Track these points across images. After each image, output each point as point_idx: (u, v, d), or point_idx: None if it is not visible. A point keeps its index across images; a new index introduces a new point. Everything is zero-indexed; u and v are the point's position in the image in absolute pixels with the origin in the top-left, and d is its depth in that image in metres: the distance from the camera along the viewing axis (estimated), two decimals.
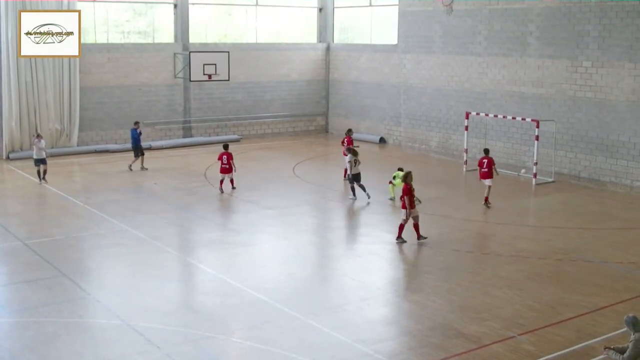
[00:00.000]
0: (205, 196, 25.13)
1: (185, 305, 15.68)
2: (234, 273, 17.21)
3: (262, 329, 13.95)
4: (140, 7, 36.62)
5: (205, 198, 24.90)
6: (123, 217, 22.20)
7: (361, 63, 38.78)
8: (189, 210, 23.39)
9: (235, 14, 39.68)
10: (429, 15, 34.29)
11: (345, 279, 17.21)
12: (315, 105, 40.87)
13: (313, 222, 22.84)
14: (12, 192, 26.49)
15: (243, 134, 38.31)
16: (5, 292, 16.34)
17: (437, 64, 34.27)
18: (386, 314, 15.06)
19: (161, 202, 24.16)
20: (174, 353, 12.80)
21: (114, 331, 13.86)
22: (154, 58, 35.66)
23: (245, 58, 37.95)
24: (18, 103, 32.02)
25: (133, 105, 35.27)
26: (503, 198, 25.56)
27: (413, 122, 35.85)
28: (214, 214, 22.92)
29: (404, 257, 19.07)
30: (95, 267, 18.17)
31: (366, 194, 24.38)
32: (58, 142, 33.44)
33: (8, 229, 20.88)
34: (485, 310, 14.93)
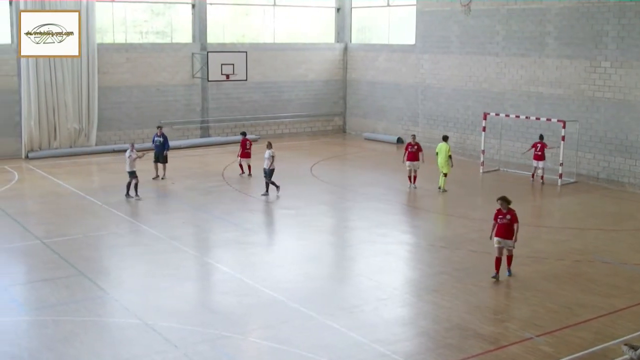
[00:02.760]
0: (222, 196, 25.18)
1: (202, 304, 15.72)
2: (250, 273, 17.24)
3: (278, 329, 13.96)
4: (158, 7, 36.76)
5: (222, 198, 24.95)
6: (141, 216, 22.30)
7: (379, 63, 38.74)
8: (206, 210, 23.44)
9: (252, 14, 39.74)
10: (446, 15, 34.22)
11: (362, 279, 17.20)
12: (333, 105, 40.87)
13: (330, 222, 22.84)
14: (31, 191, 26.66)
15: (260, 134, 38.35)
16: (24, 290, 16.45)
17: (454, 64, 34.19)
18: (403, 315, 15.03)
19: (178, 202, 24.23)
20: (191, 352, 12.83)
21: (132, 330, 13.92)
22: (171, 58, 35.79)
23: (262, 58, 38.00)
24: (37, 103, 32.21)
25: (151, 105, 35.41)
26: (523, 198, 25.47)
27: (430, 123, 35.78)
28: (231, 213, 22.96)
29: (421, 257, 19.03)
30: (113, 266, 18.25)
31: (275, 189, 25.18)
32: (76, 141, 33.61)
33: (27, 227, 21.01)
34: (503, 311, 14.90)
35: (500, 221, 16.84)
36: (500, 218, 16.84)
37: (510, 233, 16.74)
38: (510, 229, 16.73)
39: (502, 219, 16.77)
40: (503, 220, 16.79)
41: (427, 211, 23.42)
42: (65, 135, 33.26)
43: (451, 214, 22.78)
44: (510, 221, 16.73)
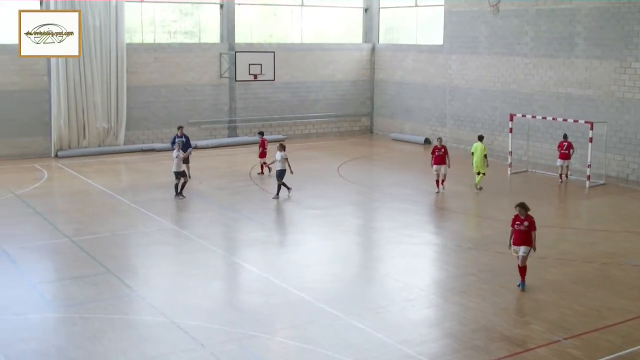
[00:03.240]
0: (249, 196, 25.25)
1: (229, 304, 15.77)
2: (277, 272, 17.26)
3: (305, 329, 13.97)
4: (186, 7, 36.95)
5: (249, 197, 25.02)
6: (168, 215, 22.42)
7: (406, 63, 38.65)
8: (233, 209, 23.51)
9: (280, 14, 39.82)
10: (474, 16, 34.07)
11: (388, 279, 17.17)
12: (360, 105, 40.84)
13: (357, 223, 22.82)
14: (60, 189, 26.91)
15: (288, 133, 38.41)
16: (53, 288, 16.59)
17: (482, 65, 34.04)
18: (429, 316, 14.98)
19: (206, 201, 24.32)
20: (217, 351, 12.88)
21: (159, 328, 13.99)
22: (200, 58, 35.95)
23: (290, 58, 38.06)
24: (67, 102, 32.50)
25: (179, 105, 35.60)
26: (550, 200, 25.36)
27: (458, 123, 35.65)
28: (258, 213, 23.01)
29: (448, 259, 18.96)
30: (140, 265, 18.36)
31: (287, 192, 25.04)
32: (105, 140, 33.87)
33: (56, 226, 21.20)
34: (530, 314, 14.80)
35: (517, 227, 16.23)
36: (518, 224, 16.22)
37: (528, 241, 16.11)
38: (528, 237, 16.11)
39: (520, 226, 16.17)
40: (520, 227, 16.17)
41: (454, 212, 23.33)
42: (94, 134, 33.53)
43: (478, 215, 22.68)
44: (527, 228, 16.09)
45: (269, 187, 26.39)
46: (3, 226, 21.03)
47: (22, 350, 12.90)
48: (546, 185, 27.42)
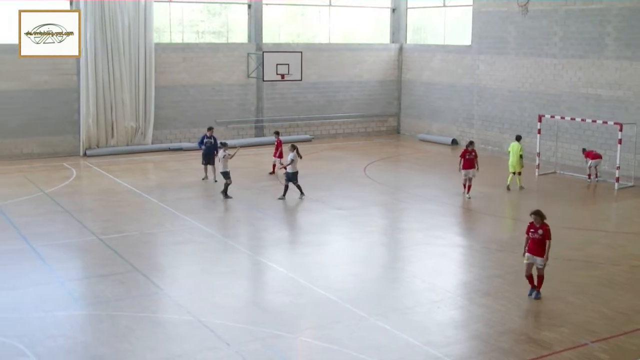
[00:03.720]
0: (276, 195, 25.26)
1: (254, 303, 15.81)
2: (303, 272, 17.28)
3: (330, 329, 13.97)
4: (214, 7, 37.09)
5: (276, 197, 25.04)
6: (195, 214, 22.50)
7: (434, 64, 38.53)
8: (259, 209, 23.56)
9: (308, 14, 39.85)
10: (503, 16, 33.89)
11: (415, 280, 17.12)
12: (387, 105, 40.77)
13: (383, 223, 22.79)
14: (88, 188, 27.12)
15: (315, 134, 38.45)
16: (80, 285, 16.73)
17: (511, 66, 33.84)
18: (456, 317, 14.91)
19: (232, 201, 24.37)
20: (243, 350, 12.91)
21: (185, 327, 14.05)
22: (227, 58, 36.07)
23: (317, 58, 38.08)
24: (95, 101, 32.75)
25: (206, 105, 35.76)
26: (579, 202, 25.18)
27: (486, 124, 35.48)
28: (284, 213, 23.05)
29: (475, 260, 18.87)
30: (167, 264, 18.46)
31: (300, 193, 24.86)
32: (133, 139, 34.09)
33: (84, 224, 21.36)
34: (557, 316, 14.69)
35: (532, 235, 15.57)
36: (532, 232, 15.53)
37: (542, 250, 15.43)
38: (542, 245, 15.42)
39: (534, 234, 15.50)
40: (535, 235, 15.49)
41: (482, 214, 23.20)
42: (122, 134, 33.76)
43: (506, 216, 22.55)
44: (542, 237, 15.39)
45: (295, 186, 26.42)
46: (32, 224, 21.23)
47: (50, 347, 13.01)
48: (574, 187, 27.21)
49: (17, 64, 30.92)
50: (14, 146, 31.90)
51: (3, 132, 31.58)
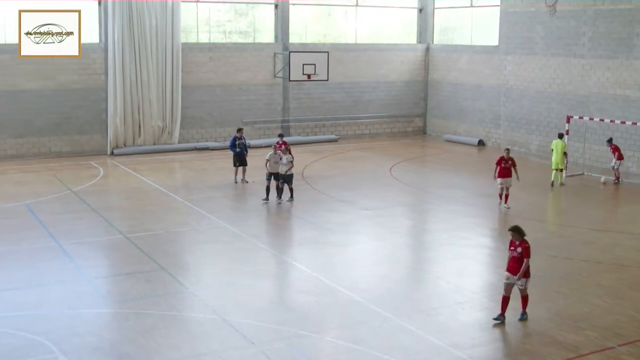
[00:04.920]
0: (301, 195, 25.28)
1: (279, 302, 15.84)
2: (328, 272, 17.28)
3: (355, 329, 13.97)
4: (241, 7, 37.20)
5: (301, 197, 25.05)
6: (221, 213, 22.58)
7: (461, 64, 38.38)
8: (285, 208, 23.59)
9: (335, 14, 39.85)
10: (531, 16, 33.68)
11: (440, 281, 17.07)
12: (414, 106, 40.66)
13: (409, 224, 22.74)
14: (115, 186, 27.30)
15: (340, 134, 38.45)
16: (107, 283, 16.85)
17: (538, 66, 33.63)
18: (481, 319, 14.83)
19: (258, 200, 24.40)
20: (267, 350, 12.94)
21: (210, 326, 14.11)
22: (254, 58, 36.17)
23: (344, 58, 38.07)
24: (123, 101, 32.97)
25: (233, 104, 35.88)
26: (605, 203, 24.97)
27: (513, 125, 35.28)
28: (309, 213, 23.07)
29: (501, 262, 18.69)
30: (193, 262, 18.55)
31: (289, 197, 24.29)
32: (160, 139, 34.27)
33: (111, 222, 21.52)
34: (583, 319, 14.57)
35: (511, 254, 14.47)
36: (512, 250, 14.48)
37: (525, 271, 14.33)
38: (521, 264, 14.32)
39: (513, 251, 14.42)
40: (514, 253, 14.40)
41: (508, 215, 23.04)
42: (149, 133, 33.95)
43: (531, 218, 22.39)
44: (521, 255, 14.30)
45: (322, 187, 26.45)
46: (60, 222, 21.42)
47: (77, 344, 13.12)
48: (601, 189, 26.99)
49: (46, 63, 31.22)
50: (42, 145, 32.20)
51: (32, 131, 31.89)
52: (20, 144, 31.80)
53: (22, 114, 31.68)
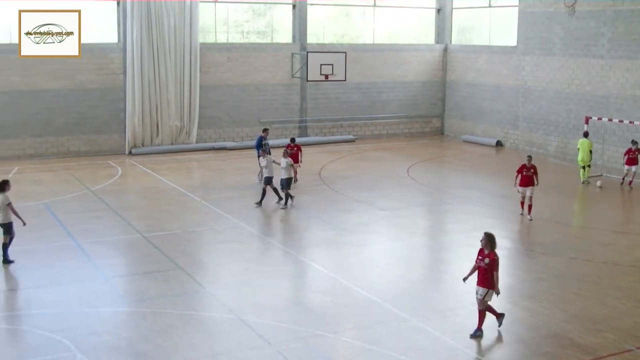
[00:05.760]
0: (318, 195, 25.32)
1: (296, 302, 15.85)
2: (345, 273, 17.27)
3: (372, 330, 13.95)
4: (259, 7, 37.25)
5: (318, 197, 25.08)
6: (238, 213, 22.61)
7: (479, 64, 38.26)
8: (302, 208, 23.59)
9: (352, 14, 39.81)
10: (549, 16, 33.52)
11: (457, 282, 16.97)
12: (431, 106, 40.57)
13: (426, 225, 22.69)
14: (133, 186, 27.42)
15: (358, 134, 38.42)
16: (125, 282, 16.92)
17: (557, 67, 33.47)
18: None
19: (275, 200, 24.42)
20: (284, 350, 12.95)
21: (227, 325, 14.14)
22: (272, 58, 36.20)
23: (362, 59, 38.03)
24: (141, 100, 33.08)
25: (250, 104, 35.92)
26: (624, 205, 24.81)
27: (531, 126, 35.13)
28: (327, 213, 23.06)
29: (518, 263, 18.70)
30: (210, 262, 18.59)
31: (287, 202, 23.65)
32: (178, 138, 34.36)
33: (129, 222, 21.59)
34: (602, 321, 14.48)
35: (478, 263, 13.68)
36: (479, 260, 13.66)
37: (487, 281, 13.56)
38: (489, 276, 13.54)
39: (481, 261, 13.63)
40: (481, 264, 13.60)
41: (526, 216, 22.92)
42: (167, 133, 34.05)
43: (550, 219, 22.29)
44: (488, 266, 13.51)
45: (339, 187, 26.43)
46: (78, 221, 21.52)
47: (95, 343, 13.18)
48: (621, 191, 26.82)
49: (64, 63, 31.40)
50: (61, 144, 32.37)
51: (50, 130, 32.07)
52: (39, 144, 31.99)
53: (41, 113, 31.87)
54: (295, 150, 26.52)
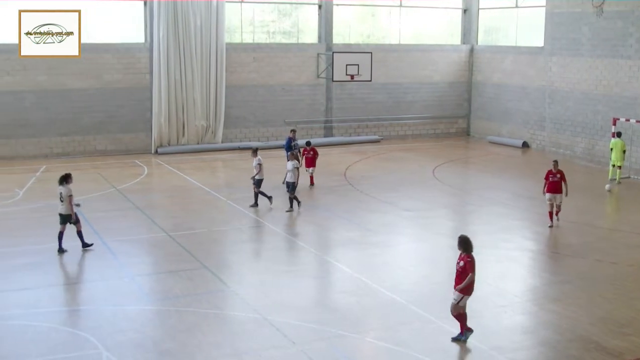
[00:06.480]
0: (344, 195, 25.30)
1: (321, 302, 15.85)
2: (370, 273, 17.24)
3: (396, 330, 13.92)
4: (285, 7, 37.30)
5: (343, 197, 25.07)
6: (263, 213, 22.65)
7: (505, 65, 38.05)
8: (327, 208, 23.60)
9: (378, 14, 39.76)
10: (577, 17, 33.26)
11: (482, 284, 16.87)
12: (457, 107, 40.42)
13: (451, 226, 22.58)
14: (159, 185, 27.56)
15: (383, 134, 38.36)
16: (150, 281, 17.01)
17: (584, 67, 33.19)
18: (523, 323, 14.71)
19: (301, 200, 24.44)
20: (308, 349, 12.95)
21: (251, 324, 14.17)
22: (297, 58, 36.24)
23: (387, 59, 37.97)
24: (167, 100, 33.25)
25: (276, 104, 35.99)
26: None
27: (557, 127, 34.88)
28: (351, 213, 23.03)
29: (544, 265, 18.59)
30: (234, 261, 18.62)
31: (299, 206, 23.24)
32: (203, 138, 34.50)
33: (154, 220, 21.71)
34: (629, 324, 14.34)
35: (456, 267, 13.47)
36: (457, 263, 13.49)
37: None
38: (462, 280, 13.37)
39: (457, 265, 13.49)
40: (457, 267, 13.44)
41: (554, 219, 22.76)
42: (192, 132, 34.20)
43: (577, 221, 22.12)
44: (463, 269, 13.30)
45: (365, 188, 26.41)
46: (104, 219, 21.67)
47: (121, 341, 13.26)
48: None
49: (91, 63, 31.69)
50: (87, 143, 32.62)
51: (77, 129, 32.33)
52: (66, 142, 32.25)
53: (68, 112, 32.14)
54: (311, 154, 26.46)
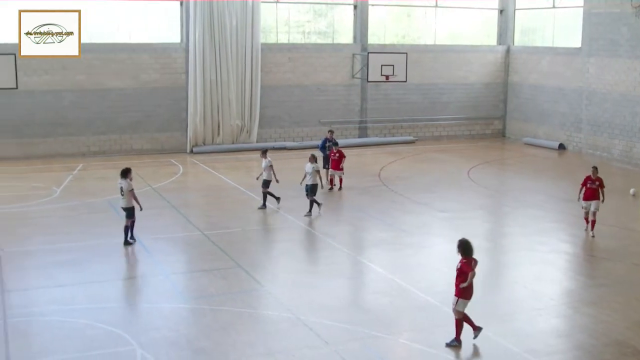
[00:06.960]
0: (378, 196, 25.25)
1: (354, 303, 15.84)
2: (404, 274, 17.20)
3: (430, 332, 13.87)
4: (320, 8, 37.33)
5: (378, 198, 25.02)
6: (297, 213, 22.66)
7: (542, 66, 37.73)
8: (361, 209, 23.58)
9: (414, 14, 39.64)
10: (615, 17, 32.88)
11: (517, 287, 16.82)
12: (493, 108, 40.16)
13: (486, 228, 22.46)
14: (194, 184, 27.73)
15: (418, 135, 38.24)
16: (184, 279, 17.12)
17: (622, 69, 32.81)
18: (558, 326, 14.57)
19: (334, 201, 24.47)
20: (341, 350, 12.95)
21: (285, 324, 14.20)
22: (332, 58, 36.25)
23: (422, 59, 37.84)
24: (203, 100, 33.44)
25: (311, 105, 36.03)
26: None
27: (595, 129, 34.51)
28: (386, 214, 22.99)
29: (580, 268, 18.41)
30: (268, 260, 18.68)
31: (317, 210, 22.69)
32: (238, 138, 34.64)
33: (189, 219, 21.84)
34: None
35: (456, 272, 13.40)
36: (457, 268, 13.42)
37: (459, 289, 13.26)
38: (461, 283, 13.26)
39: (456, 269, 13.45)
40: (456, 272, 13.42)
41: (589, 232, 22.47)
42: (228, 132, 34.36)
43: (614, 224, 21.87)
44: (460, 272, 13.29)
45: (399, 188, 26.34)
46: (139, 218, 21.71)
47: (155, 338, 13.36)
48: None
49: (128, 63, 32.00)
50: (124, 142, 32.92)
51: (114, 128, 32.65)
52: (102, 141, 32.58)
53: (106, 111, 32.47)
54: (337, 156, 26.23)
